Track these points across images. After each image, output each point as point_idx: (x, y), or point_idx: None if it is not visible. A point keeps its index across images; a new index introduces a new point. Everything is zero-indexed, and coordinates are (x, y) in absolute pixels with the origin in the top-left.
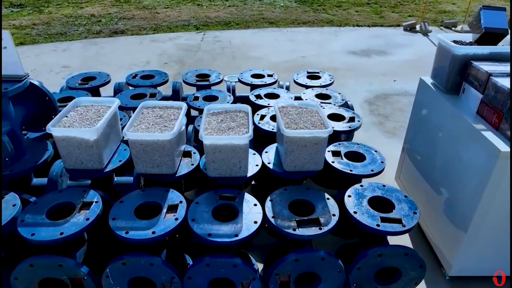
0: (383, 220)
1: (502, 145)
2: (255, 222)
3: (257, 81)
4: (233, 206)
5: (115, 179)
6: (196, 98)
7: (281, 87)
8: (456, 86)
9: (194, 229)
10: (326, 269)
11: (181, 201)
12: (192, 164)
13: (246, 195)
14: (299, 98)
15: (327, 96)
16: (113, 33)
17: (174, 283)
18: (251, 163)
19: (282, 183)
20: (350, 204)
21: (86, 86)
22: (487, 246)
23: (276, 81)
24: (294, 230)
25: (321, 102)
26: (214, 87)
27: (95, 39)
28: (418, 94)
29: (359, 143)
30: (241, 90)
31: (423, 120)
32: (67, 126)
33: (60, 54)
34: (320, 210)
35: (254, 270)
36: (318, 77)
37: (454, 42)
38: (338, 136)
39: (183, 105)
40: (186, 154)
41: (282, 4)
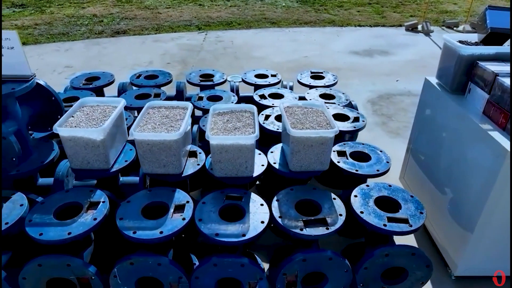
0: (390, 220)
1: (509, 145)
2: (262, 222)
3: (261, 81)
4: (240, 206)
5: (121, 179)
6: (201, 98)
7: (285, 87)
8: (461, 86)
9: (201, 229)
10: (333, 269)
11: (188, 201)
12: (198, 164)
13: (253, 195)
14: (303, 98)
15: (331, 96)
16: (115, 33)
17: (181, 283)
18: (256, 163)
19: (287, 183)
20: (357, 204)
21: (90, 86)
22: (494, 246)
23: (279, 81)
24: (301, 230)
25: (325, 102)
26: (217, 87)
27: (97, 39)
28: (423, 94)
29: (364, 143)
30: (244, 90)
31: (428, 120)
32: (74, 126)
33: (62, 54)
34: (327, 210)
35: (262, 270)
36: (321, 77)
37: (460, 42)
38: (343, 136)
39: (189, 105)
40: (192, 154)
41: (283, 4)
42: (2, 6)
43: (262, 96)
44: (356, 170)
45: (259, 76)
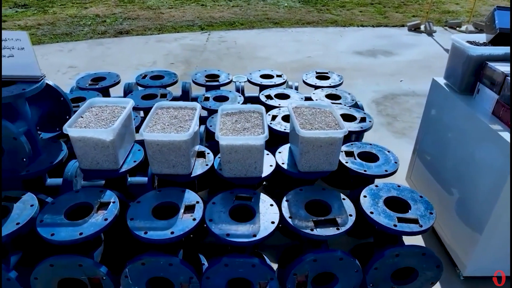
0: (400, 220)
1: None
2: (273, 222)
3: (266, 81)
4: (250, 207)
5: (129, 179)
6: (207, 99)
7: (290, 88)
8: (470, 87)
9: (212, 229)
10: (343, 269)
11: (197, 201)
12: (207, 165)
13: (262, 195)
14: (309, 98)
15: (337, 97)
16: (118, 33)
17: (192, 283)
18: (265, 164)
19: (295, 183)
20: (366, 205)
21: (97, 86)
22: (503, 246)
23: (285, 82)
24: (312, 230)
25: (331, 103)
26: (222, 88)
27: (101, 39)
28: (431, 94)
29: (371, 143)
30: (249, 90)
31: (435, 120)
32: (83, 126)
33: (66, 55)
34: (337, 210)
35: (272, 270)
36: (327, 77)
37: (468, 43)
38: (349, 136)
39: (197, 106)
40: (200, 154)
41: (286, 4)
42: (5, 6)
43: (268, 97)
44: (365, 171)
45: (264, 76)
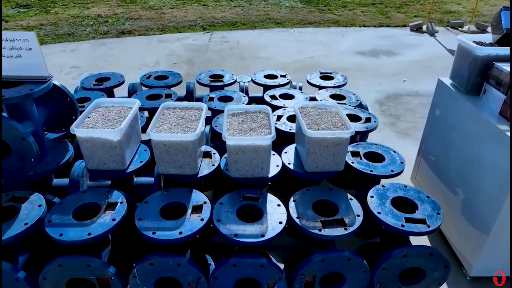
0: (408, 220)
1: None
2: (280, 223)
3: (271, 81)
4: (257, 207)
5: (135, 179)
6: (212, 99)
7: (294, 88)
8: (476, 87)
9: (220, 230)
10: (351, 269)
11: (205, 202)
12: (213, 165)
13: (269, 195)
14: (313, 98)
15: (342, 97)
16: (120, 33)
17: (200, 283)
18: (271, 164)
19: (300, 183)
20: (374, 205)
21: (101, 86)
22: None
23: (289, 82)
24: (320, 230)
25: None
26: (226, 88)
27: (103, 39)
28: (436, 94)
29: (377, 144)
30: (252, 90)
31: (441, 120)
32: (90, 127)
33: (69, 55)
34: (344, 210)
35: (281, 270)
36: (331, 77)
37: (475, 43)
38: (354, 137)
39: (204, 106)
40: (206, 154)
41: (287, 5)
42: (7, 6)
43: (273, 97)
44: (371, 171)
45: (268, 76)
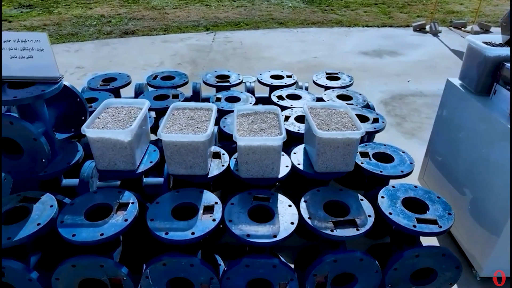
0: (419, 221)
1: None
2: (292, 223)
3: (277, 82)
4: (268, 207)
5: (144, 180)
6: (219, 99)
7: (300, 88)
8: (486, 88)
9: (232, 230)
10: (363, 270)
11: (216, 202)
12: (223, 165)
13: (280, 196)
14: (320, 99)
15: (348, 97)
16: (124, 33)
17: (212, 284)
18: (281, 164)
19: (310, 184)
20: (385, 205)
21: (108, 87)
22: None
23: (295, 82)
24: (332, 231)
25: None
26: (232, 88)
27: (107, 39)
28: (445, 95)
29: (385, 144)
30: (258, 91)
31: (450, 121)
32: (101, 127)
33: (73, 55)
34: (355, 211)
35: (293, 270)
36: (337, 78)
37: (484, 44)
38: (362, 137)
39: (213, 107)
40: (216, 155)
41: (290, 5)
42: (9, 6)
43: (280, 97)
44: (381, 171)
45: (274, 76)
